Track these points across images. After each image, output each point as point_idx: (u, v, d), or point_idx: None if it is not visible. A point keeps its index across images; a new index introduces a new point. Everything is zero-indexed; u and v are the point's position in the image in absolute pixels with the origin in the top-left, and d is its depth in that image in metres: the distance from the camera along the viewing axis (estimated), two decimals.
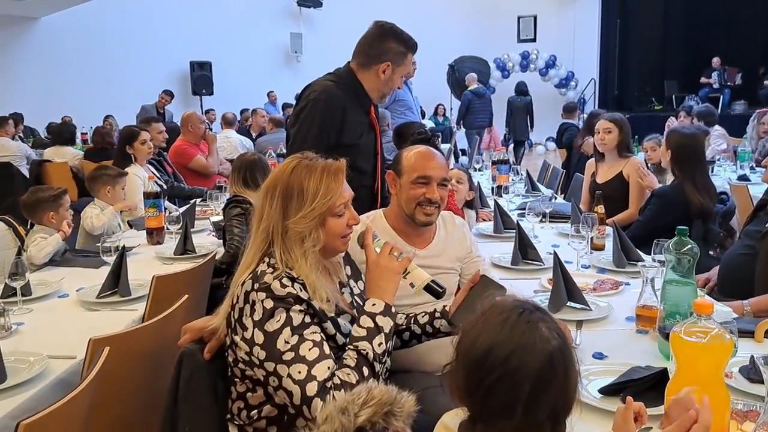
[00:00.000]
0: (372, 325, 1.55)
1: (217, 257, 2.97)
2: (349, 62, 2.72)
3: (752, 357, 1.73)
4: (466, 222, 2.40)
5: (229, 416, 1.63)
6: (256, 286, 1.50)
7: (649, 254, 2.54)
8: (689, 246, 1.87)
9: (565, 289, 2.26)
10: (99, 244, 2.95)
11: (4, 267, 2.63)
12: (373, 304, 1.58)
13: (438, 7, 14.68)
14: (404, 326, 1.83)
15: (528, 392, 1.06)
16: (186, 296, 2.13)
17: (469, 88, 11.09)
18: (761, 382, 1.67)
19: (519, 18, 15.55)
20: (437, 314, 1.79)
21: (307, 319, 1.50)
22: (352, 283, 1.78)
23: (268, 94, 12.70)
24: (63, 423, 1.46)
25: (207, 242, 3.45)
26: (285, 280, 1.50)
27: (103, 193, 3.80)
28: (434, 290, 1.69)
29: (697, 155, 3.51)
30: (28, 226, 3.28)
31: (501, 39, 15.03)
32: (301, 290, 1.51)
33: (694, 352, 1.19)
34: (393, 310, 1.60)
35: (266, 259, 1.56)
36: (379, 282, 1.61)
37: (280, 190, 1.56)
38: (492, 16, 15.29)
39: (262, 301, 1.48)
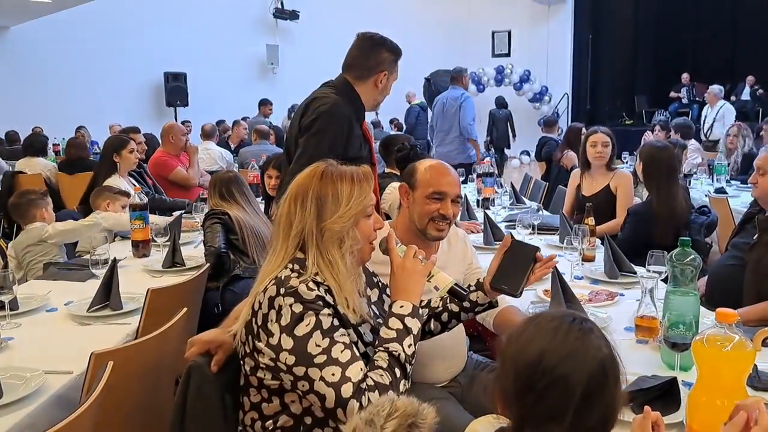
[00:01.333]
0: (401, 326, 1.55)
1: None
2: (343, 75, 2.74)
3: (755, 365, 1.76)
4: (467, 234, 2.41)
5: (240, 428, 1.60)
6: (282, 290, 1.48)
7: (642, 267, 2.58)
8: (692, 256, 1.90)
9: (564, 300, 2.27)
10: (88, 257, 2.89)
11: None
12: (401, 306, 1.58)
13: (413, 21, 14.77)
14: (440, 308, 1.85)
15: (579, 398, 1.07)
16: (185, 309, 2.09)
17: (414, 103, 12.24)
18: (765, 390, 1.70)
19: (493, 33, 15.74)
20: (472, 287, 1.82)
21: (336, 322, 1.49)
22: (368, 291, 1.77)
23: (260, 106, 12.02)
24: None
25: (194, 255, 3.40)
26: (311, 284, 1.49)
27: (103, 207, 3.86)
28: (458, 293, 1.73)
29: (664, 169, 3.54)
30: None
31: (476, 53, 15.17)
32: (326, 294, 1.50)
33: (716, 361, 1.20)
34: (420, 311, 1.61)
35: (290, 265, 1.54)
36: (405, 285, 1.61)
37: (313, 194, 1.55)
38: (467, 31, 15.45)
39: (290, 306, 1.46)
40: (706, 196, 5.16)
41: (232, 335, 1.60)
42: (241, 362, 1.57)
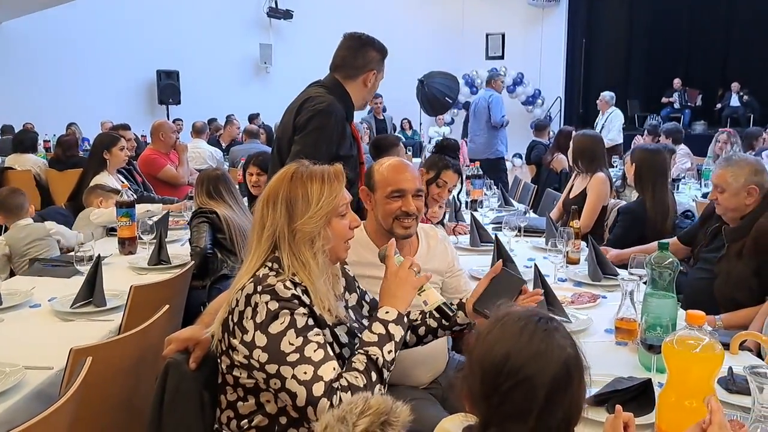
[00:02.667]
0: (384, 331, 1.55)
1: None
2: (333, 75, 2.75)
3: (730, 368, 1.78)
4: (447, 236, 2.41)
5: (217, 426, 1.60)
6: (259, 288, 1.49)
7: (625, 270, 2.61)
8: (670, 260, 1.91)
9: (546, 301, 2.29)
10: (73, 253, 2.89)
11: None
12: (387, 312, 1.59)
13: (407, 22, 14.77)
14: (419, 321, 1.86)
15: (543, 398, 1.08)
16: (167, 306, 2.09)
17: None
18: (739, 392, 1.72)
19: (487, 35, 15.75)
20: (454, 307, 1.81)
21: (311, 322, 1.50)
22: (346, 295, 1.78)
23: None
24: None
25: (181, 252, 3.40)
26: (288, 283, 1.50)
27: (96, 204, 3.95)
28: (445, 313, 1.74)
29: (658, 172, 3.60)
30: None
31: (470, 56, 15.18)
32: (303, 294, 1.51)
33: (686, 362, 1.22)
34: (405, 320, 1.62)
35: (269, 264, 1.55)
36: (395, 291, 1.62)
37: (283, 196, 1.56)
38: (461, 33, 15.46)
39: (266, 303, 1.47)
40: (693, 200, 5.19)
41: (210, 335, 1.61)
42: (218, 360, 1.58)
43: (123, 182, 4.45)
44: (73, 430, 1.58)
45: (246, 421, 1.55)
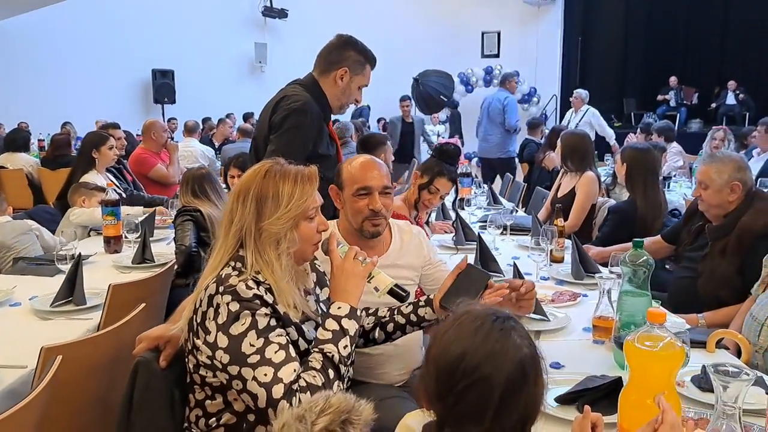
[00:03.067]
0: (337, 327, 1.55)
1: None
2: (311, 73, 2.74)
3: (703, 366, 1.77)
4: (422, 231, 2.39)
5: (186, 424, 1.60)
6: (221, 289, 1.48)
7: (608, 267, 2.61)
8: (644, 258, 1.91)
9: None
10: (54, 252, 2.88)
11: None
12: (339, 308, 1.58)
13: (403, 21, 14.77)
14: (387, 318, 1.85)
15: (498, 398, 1.07)
16: (143, 305, 2.09)
17: (362, 105, 12.91)
18: (712, 390, 1.72)
19: (483, 34, 15.74)
20: (422, 303, 1.82)
21: (273, 323, 1.49)
22: (317, 290, 1.78)
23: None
24: None
25: (166, 251, 3.39)
26: (251, 283, 1.49)
27: (79, 204, 3.94)
28: (397, 294, 1.72)
29: (648, 171, 3.61)
30: None
31: (465, 54, 15.17)
32: (266, 293, 1.50)
33: (646, 360, 1.22)
34: (358, 313, 1.61)
35: (232, 263, 1.55)
36: (345, 286, 1.61)
37: (254, 193, 1.55)
38: (456, 31, 15.44)
39: (228, 304, 1.47)
40: (683, 198, 5.20)
41: (179, 331, 1.60)
42: (186, 359, 1.58)
43: (111, 181, 4.45)
44: (43, 427, 1.58)
45: (214, 419, 1.55)
